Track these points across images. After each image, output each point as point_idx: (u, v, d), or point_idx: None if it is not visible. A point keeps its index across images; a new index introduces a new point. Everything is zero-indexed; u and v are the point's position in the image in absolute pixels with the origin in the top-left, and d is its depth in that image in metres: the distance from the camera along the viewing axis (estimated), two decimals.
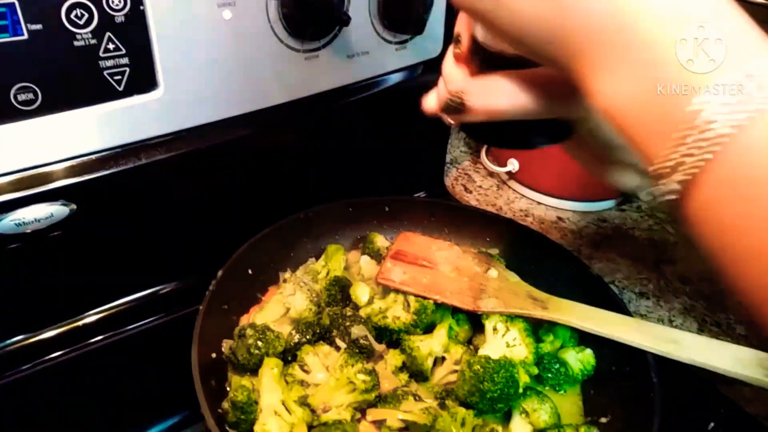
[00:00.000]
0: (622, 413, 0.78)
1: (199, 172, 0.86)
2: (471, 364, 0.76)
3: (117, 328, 0.93)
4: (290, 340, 0.81)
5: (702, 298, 1.03)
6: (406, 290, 0.86)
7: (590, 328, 0.82)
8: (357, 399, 0.74)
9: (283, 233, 0.95)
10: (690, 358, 0.77)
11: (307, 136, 0.96)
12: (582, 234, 1.17)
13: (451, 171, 1.33)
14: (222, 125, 0.81)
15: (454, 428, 0.72)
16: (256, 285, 0.92)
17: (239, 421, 0.72)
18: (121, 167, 0.75)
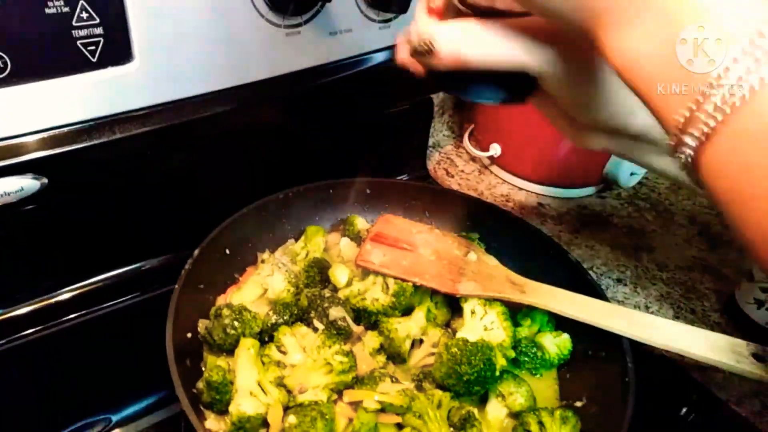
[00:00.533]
0: (597, 397, 0.79)
1: (176, 148, 0.84)
2: (449, 346, 0.76)
3: (92, 306, 0.91)
4: (267, 321, 0.81)
5: (678, 286, 1.04)
6: (386, 272, 0.85)
7: (568, 313, 0.82)
8: (334, 380, 0.73)
9: (262, 213, 0.94)
10: (665, 343, 0.78)
11: (288, 115, 0.94)
12: (562, 220, 1.17)
13: (434, 155, 1.33)
14: (199, 101, 0.79)
15: (431, 410, 0.72)
16: (234, 265, 0.91)
17: (214, 401, 0.71)
18: (94, 141, 0.73)
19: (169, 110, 0.77)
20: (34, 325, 0.87)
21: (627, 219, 1.19)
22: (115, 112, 0.74)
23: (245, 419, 0.68)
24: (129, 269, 0.94)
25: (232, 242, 0.90)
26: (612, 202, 1.23)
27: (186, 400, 0.66)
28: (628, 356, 0.77)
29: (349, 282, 0.87)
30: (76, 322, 0.89)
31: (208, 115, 0.81)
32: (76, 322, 0.89)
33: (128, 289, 0.93)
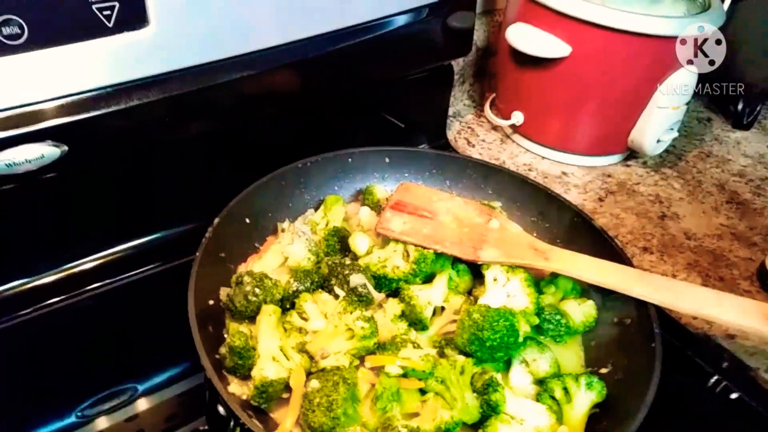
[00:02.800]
0: (623, 363, 0.77)
1: (194, 116, 0.83)
2: (470, 312, 0.75)
3: (115, 275, 0.92)
4: (288, 288, 0.80)
5: (706, 254, 1.01)
6: (406, 240, 0.85)
7: (592, 279, 0.81)
8: (356, 346, 0.73)
9: (280, 183, 0.93)
10: (693, 309, 0.76)
11: (305, 82, 0.93)
12: (586, 189, 1.15)
13: (454, 124, 1.31)
14: (216, 67, 0.78)
15: (454, 376, 0.71)
16: (254, 234, 0.91)
17: (236, 366, 0.71)
18: (112, 108, 0.73)
19: (185, 77, 0.77)
20: (59, 294, 0.88)
21: (653, 187, 1.16)
22: (132, 78, 0.73)
23: (268, 383, 0.69)
24: (151, 238, 0.94)
25: (252, 212, 0.89)
26: (638, 171, 1.20)
27: (209, 364, 0.66)
28: (655, 322, 0.75)
29: (370, 250, 0.87)
30: (100, 291, 0.90)
31: (224, 82, 0.80)
32: (100, 291, 0.90)
33: (150, 258, 0.94)
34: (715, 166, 1.23)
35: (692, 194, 1.15)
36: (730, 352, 0.85)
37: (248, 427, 0.62)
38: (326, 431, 0.66)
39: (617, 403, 0.73)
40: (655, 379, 0.69)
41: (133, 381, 0.82)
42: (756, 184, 1.18)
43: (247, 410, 0.68)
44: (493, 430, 0.67)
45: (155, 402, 0.80)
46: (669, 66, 1.03)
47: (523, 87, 1.17)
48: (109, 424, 0.76)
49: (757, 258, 1.00)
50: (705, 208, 1.12)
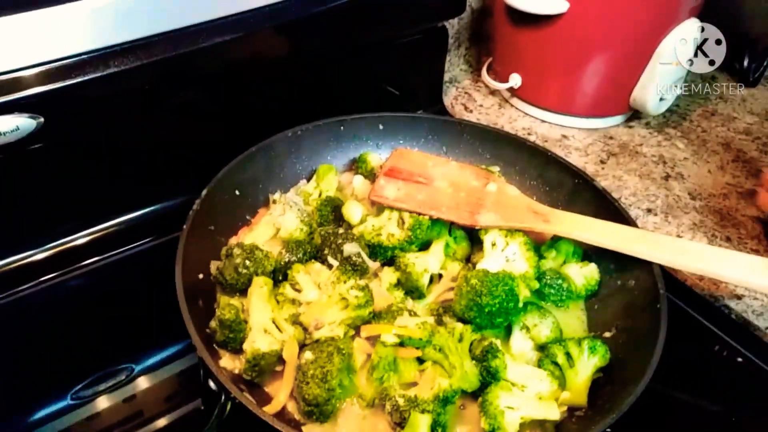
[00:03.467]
0: (627, 326, 0.75)
1: (178, 82, 0.80)
2: (468, 278, 0.73)
3: (107, 250, 0.90)
4: (280, 260, 0.78)
5: (712, 214, 0.98)
6: (401, 207, 0.82)
7: (594, 241, 0.78)
8: (350, 315, 0.71)
9: (270, 152, 0.90)
10: (699, 268, 0.74)
11: (294, 45, 0.89)
12: (587, 152, 1.12)
13: (450, 90, 1.27)
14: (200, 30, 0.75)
15: (452, 343, 0.69)
16: (244, 206, 0.88)
17: (228, 339, 0.69)
18: (89, 76, 0.70)
19: (167, 41, 0.74)
20: (50, 271, 0.86)
21: (656, 148, 1.13)
22: (111, 43, 0.70)
23: (260, 356, 0.67)
24: (144, 212, 0.92)
25: (241, 183, 0.87)
26: (640, 131, 1.17)
27: (197, 337, 0.64)
28: (660, 282, 0.73)
29: (364, 219, 0.84)
30: (93, 267, 0.88)
31: (209, 46, 0.77)
32: (92, 268, 0.88)
33: (143, 233, 0.92)
34: (720, 124, 1.19)
35: (697, 154, 1.12)
36: (737, 313, 0.82)
37: (240, 401, 0.61)
38: (321, 403, 0.64)
39: (622, 367, 0.71)
40: (660, 341, 0.67)
41: (129, 360, 0.80)
42: (763, 141, 1.14)
43: (239, 384, 0.66)
44: (493, 397, 0.65)
45: (153, 382, 0.78)
46: (672, 19, 0.99)
47: (521, 48, 1.13)
48: (107, 405, 0.75)
49: (765, 216, 0.97)
50: (710, 167, 1.08)
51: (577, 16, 1.00)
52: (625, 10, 0.99)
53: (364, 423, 0.67)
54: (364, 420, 0.67)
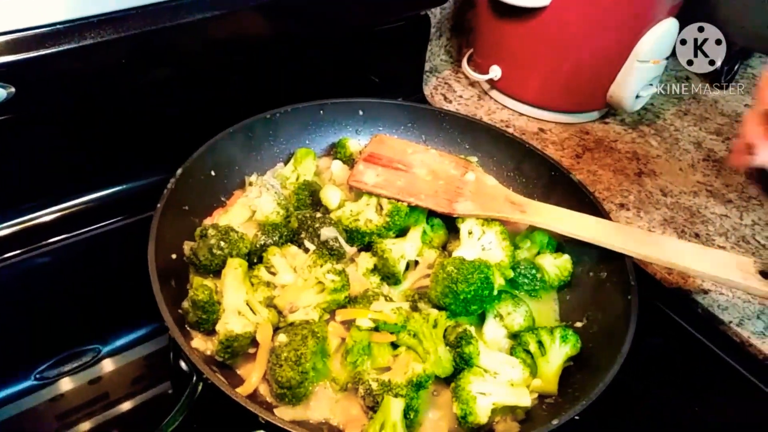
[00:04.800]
0: (597, 317, 0.76)
1: (155, 58, 0.78)
2: (444, 265, 0.73)
3: (75, 228, 0.87)
4: (256, 242, 0.77)
5: (682, 210, 1.00)
6: (379, 193, 0.82)
7: (569, 232, 0.79)
8: (326, 299, 0.71)
9: (248, 134, 0.89)
10: (670, 261, 0.75)
11: (275, 26, 0.88)
12: (564, 146, 1.13)
13: (431, 80, 1.27)
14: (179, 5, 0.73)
15: (426, 329, 0.69)
16: (220, 188, 0.87)
17: (200, 320, 0.68)
18: (64, 46, 0.67)
19: (145, 15, 0.72)
20: (15, 248, 0.84)
21: (631, 144, 1.15)
22: (86, 15, 0.68)
23: (233, 338, 0.66)
24: (115, 190, 0.90)
25: (217, 163, 0.85)
26: (615, 128, 1.18)
27: (170, 317, 0.63)
28: (631, 274, 0.74)
29: (342, 204, 0.84)
30: (60, 245, 0.86)
31: (190, 22, 0.75)
32: (60, 245, 0.86)
33: (114, 211, 0.89)
34: (692, 124, 1.22)
35: (669, 152, 1.14)
36: (703, 306, 0.84)
37: (212, 382, 0.60)
38: (294, 386, 0.64)
39: (592, 356, 0.72)
40: (630, 332, 0.68)
41: (96, 341, 0.78)
42: (733, 142, 1.17)
43: (211, 366, 0.65)
44: (466, 383, 0.66)
45: (120, 364, 0.76)
46: (650, 18, 1.01)
47: (502, 40, 1.14)
48: (71, 386, 0.73)
49: (732, 215, 1.00)
50: (682, 165, 1.11)
51: (559, 10, 1.01)
52: (605, 7, 1.00)
53: (336, 406, 0.67)
54: (336, 403, 0.67)
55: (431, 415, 0.68)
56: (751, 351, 0.80)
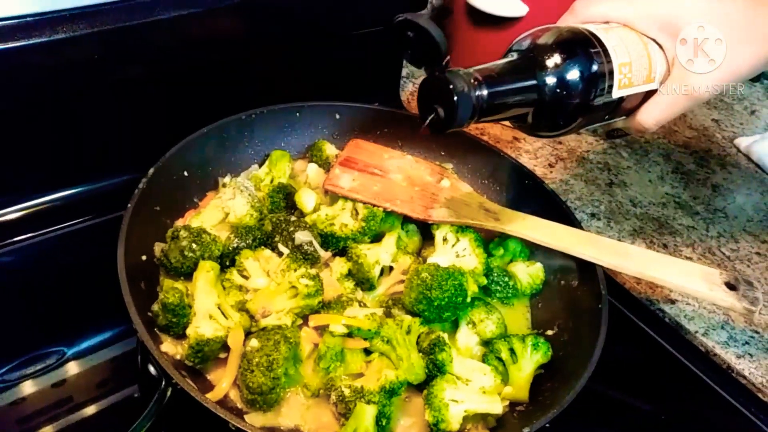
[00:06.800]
0: (568, 325, 0.77)
1: (129, 55, 0.77)
2: (419, 271, 0.73)
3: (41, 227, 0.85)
4: (228, 245, 0.76)
5: (651, 221, 1.02)
6: (355, 197, 0.81)
7: (542, 240, 0.80)
8: (299, 304, 0.70)
9: (222, 134, 0.88)
10: (639, 271, 0.77)
11: (253, 27, 0.87)
12: (537, 155, 1.14)
13: (407, 85, 1.27)
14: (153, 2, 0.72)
15: (400, 335, 0.69)
16: (193, 188, 0.86)
17: (170, 324, 0.67)
18: (34, 40, 0.66)
19: (120, 10, 0.70)
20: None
21: (602, 155, 1.17)
22: (58, 8, 0.67)
23: (204, 342, 0.65)
24: (82, 189, 0.88)
25: (191, 164, 0.84)
26: (588, 138, 1.20)
27: (138, 320, 0.62)
28: (602, 284, 0.75)
29: (317, 207, 0.83)
30: (24, 244, 0.83)
31: (164, 19, 0.74)
32: (24, 245, 0.83)
33: (81, 210, 0.87)
34: (662, 136, 1.24)
35: (639, 163, 1.16)
36: (671, 316, 0.86)
37: (181, 387, 0.59)
38: (265, 392, 0.63)
39: (563, 364, 0.73)
40: (600, 341, 0.69)
41: (60, 344, 0.76)
42: (700, 155, 1.20)
43: (181, 370, 0.64)
44: (438, 390, 0.66)
45: (85, 367, 0.75)
46: None
47: (479, 48, 1.14)
48: (34, 389, 0.71)
49: (699, 226, 1.02)
50: (651, 177, 1.13)
51: (536, 20, 1.00)
52: None
53: (307, 413, 0.66)
54: (308, 410, 0.67)
55: (403, 422, 0.68)
56: (716, 360, 0.82)
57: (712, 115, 1.33)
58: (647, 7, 0.66)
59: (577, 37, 0.65)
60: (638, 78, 0.66)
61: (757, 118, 1.34)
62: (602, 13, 0.68)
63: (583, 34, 0.65)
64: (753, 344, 0.83)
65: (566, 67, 0.62)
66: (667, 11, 0.66)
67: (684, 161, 1.18)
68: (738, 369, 0.80)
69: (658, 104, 0.68)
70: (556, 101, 0.64)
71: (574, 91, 0.63)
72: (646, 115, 0.69)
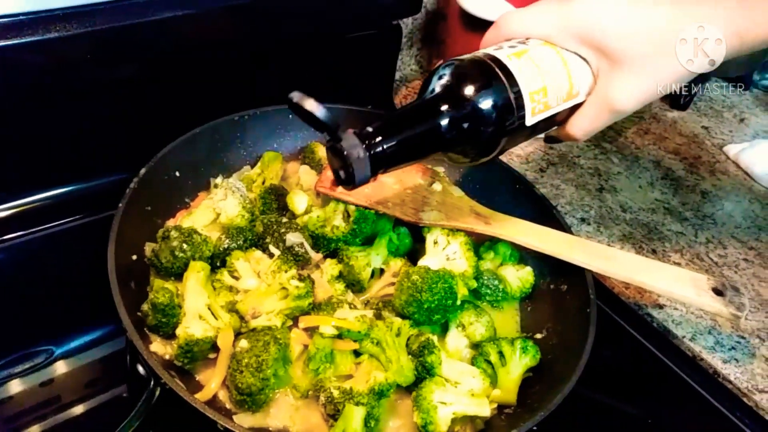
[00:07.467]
0: (557, 329, 0.78)
1: (122, 55, 0.77)
2: (409, 274, 0.73)
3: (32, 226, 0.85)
4: (219, 245, 0.76)
5: (640, 227, 1.03)
6: (347, 199, 0.81)
7: (532, 245, 0.80)
8: (289, 305, 0.70)
9: (214, 135, 0.88)
10: (628, 276, 0.77)
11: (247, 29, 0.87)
12: (528, 159, 1.15)
13: (401, 89, 1.28)
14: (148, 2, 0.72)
15: (389, 337, 0.70)
16: (185, 189, 0.86)
17: (160, 324, 0.67)
18: (27, 38, 0.65)
19: (113, 10, 0.70)
20: None
21: (593, 160, 1.18)
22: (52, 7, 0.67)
23: (193, 342, 0.65)
24: (73, 188, 0.88)
25: (183, 164, 0.84)
26: (578, 144, 1.21)
27: (128, 319, 0.62)
28: (591, 288, 0.76)
29: (308, 209, 0.83)
30: (14, 242, 0.83)
31: (158, 20, 0.74)
32: (14, 243, 0.83)
33: (72, 209, 0.87)
34: (652, 143, 1.26)
35: (629, 169, 1.17)
36: (659, 321, 0.87)
37: (170, 387, 0.59)
38: (254, 393, 0.63)
39: (551, 367, 0.73)
40: (588, 344, 0.70)
41: (48, 342, 0.76)
42: (690, 162, 1.21)
43: (170, 370, 0.64)
44: (427, 392, 0.66)
45: (73, 366, 0.75)
46: None
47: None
48: (21, 388, 0.71)
49: (688, 232, 1.03)
50: (641, 182, 1.14)
51: None
52: None
53: (296, 414, 0.67)
54: (296, 411, 0.67)
55: (392, 423, 0.68)
56: (702, 365, 0.83)
57: (702, 123, 1.34)
58: (565, 21, 0.64)
59: (480, 71, 0.62)
60: (557, 98, 0.64)
61: (747, 126, 1.35)
62: (522, 30, 0.66)
63: (487, 66, 0.62)
64: (739, 349, 0.84)
65: (468, 105, 0.61)
66: (584, 24, 0.64)
67: (674, 168, 1.19)
68: (724, 374, 0.81)
69: (584, 116, 0.68)
70: (465, 138, 0.62)
71: (484, 126, 0.62)
72: (574, 127, 0.69)
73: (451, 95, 0.61)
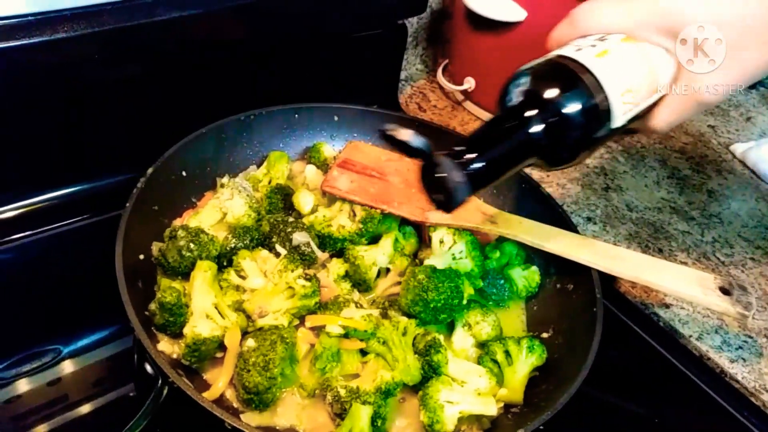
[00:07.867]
0: (563, 328, 0.78)
1: (128, 55, 0.77)
2: (415, 273, 0.73)
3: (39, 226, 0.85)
4: (226, 245, 0.77)
5: (646, 226, 1.03)
6: (353, 199, 0.82)
7: (538, 244, 0.80)
8: (296, 305, 0.70)
9: (221, 135, 0.88)
10: (634, 275, 0.77)
11: (253, 29, 0.87)
12: None
13: (406, 88, 1.28)
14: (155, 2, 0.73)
15: (396, 336, 0.70)
16: (191, 188, 0.86)
17: (167, 323, 0.67)
18: (35, 39, 0.66)
19: (121, 10, 0.71)
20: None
21: (599, 160, 1.17)
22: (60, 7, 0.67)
23: (200, 341, 0.65)
24: (80, 188, 0.88)
25: (189, 164, 0.84)
26: None
27: (136, 318, 0.62)
28: (597, 288, 0.76)
29: (314, 209, 0.84)
30: (22, 242, 0.83)
31: (165, 20, 0.74)
32: (22, 243, 0.83)
33: (79, 209, 0.87)
34: (658, 142, 1.25)
35: (635, 168, 1.17)
36: (665, 320, 0.87)
37: (177, 385, 0.59)
38: (261, 392, 0.63)
39: (557, 366, 0.73)
40: (595, 343, 0.70)
41: (56, 341, 0.77)
42: (696, 161, 1.21)
43: (177, 369, 0.64)
44: (434, 391, 0.66)
45: (81, 365, 0.75)
46: None
47: (477, 52, 1.15)
48: (29, 387, 0.71)
49: (694, 231, 1.03)
50: (647, 182, 1.14)
51: (534, 26, 1.02)
52: None
53: (303, 413, 0.67)
54: (303, 410, 0.67)
55: (398, 422, 0.68)
56: (709, 365, 0.83)
57: (709, 122, 1.33)
58: (648, 13, 0.63)
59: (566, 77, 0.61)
60: (642, 96, 0.64)
61: (753, 125, 1.35)
62: (601, 25, 0.65)
63: (571, 72, 0.61)
64: (746, 349, 0.84)
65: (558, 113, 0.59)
66: (670, 15, 0.62)
67: (680, 167, 1.19)
68: (731, 373, 0.81)
69: (669, 109, 0.66)
70: (554, 146, 0.61)
71: (574, 132, 0.61)
72: (658, 120, 0.67)
73: (537, 103, 0.60)
